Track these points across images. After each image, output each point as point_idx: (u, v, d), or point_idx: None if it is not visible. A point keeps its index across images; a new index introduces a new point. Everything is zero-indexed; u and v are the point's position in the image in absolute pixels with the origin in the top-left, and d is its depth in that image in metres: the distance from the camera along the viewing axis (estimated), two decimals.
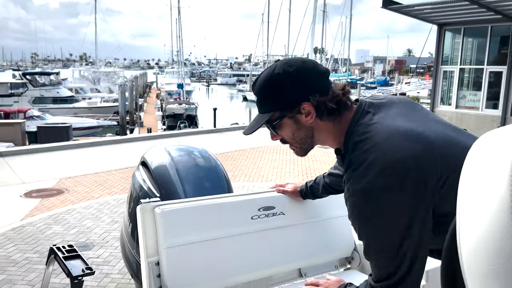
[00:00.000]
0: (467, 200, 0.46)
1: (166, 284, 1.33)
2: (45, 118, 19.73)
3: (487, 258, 0.42)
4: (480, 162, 0.47)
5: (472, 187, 0.47)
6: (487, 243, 0.42)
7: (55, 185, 7.10)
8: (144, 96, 41.14)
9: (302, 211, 1.73)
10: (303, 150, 1.29)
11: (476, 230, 0.44)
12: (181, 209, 1.39)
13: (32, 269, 4.08)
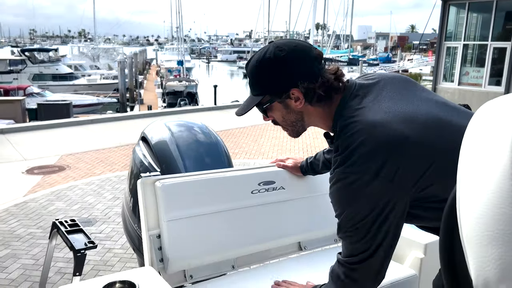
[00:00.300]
0: (468, 168, 0.46)
1: (167, 257, 1.35)
2: (45, 95, 19.64)
3: (486, 223, 0.42)
4: (481, 131, 0.47)
5: (473, 155, 0.46)
6: (487, 209, 0.42)
7: (57, 162, 7.13)
8: (144, 73, 40.83)
9: (302, 185, 1.74)
10: (295, 132, 1.31)
11: (476, 197, 0.44)
12: (182, 183, 1.39)
13: (36, 243, 4.14)
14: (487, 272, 0.42)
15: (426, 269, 1.55)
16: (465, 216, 0.45)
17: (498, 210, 0.42)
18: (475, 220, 0.44)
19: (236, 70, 57.47)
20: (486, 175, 0.43)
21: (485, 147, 0.45)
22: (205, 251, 1.44)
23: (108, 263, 3.81)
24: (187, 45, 60.71)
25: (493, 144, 0.44)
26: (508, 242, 0.41)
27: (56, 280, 3.50)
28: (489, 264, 0.42)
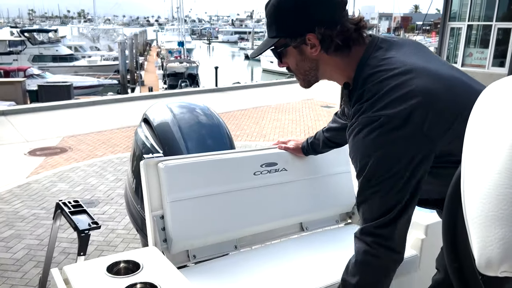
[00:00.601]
0: (473, 147, 0.46)
1: (170, 237, 1.36)
2: (45, 76, 19.55)
3: (490, 204, 0.42)
4: (487, 111, 0.47)
5: (479, 135, 0.46)
6: (491, 189, 0.42)
7: (59, 144, 7.15)
8: (144, 55, 40.51)
9: (304, 167, 1.74)
10: (306, 82, 1.27)
11: (481, 177, 0.44)
12: (184, 164, 1.40)
13: (39, 224, 4.19)
14: (490, 252, 0.43)
15: (426, 250, 1.57)
16: (469, 196, 0.46)
17: (502, 190, 0.42)
18: (479, 200, 0.44)
19: (238, 51, 56.97)
20: (491, 155, 0.43)
21: (491, 128, 0.45)
22: (208, 232, 1.46)
23: (111, 243, 3.86)
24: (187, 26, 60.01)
25: (499, 125, 0.44)
26: (511, 221, 0.41)
27: (61, 260, 3.55)
28: (492, 244, 0.42)
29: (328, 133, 1.71)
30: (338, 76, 1.22)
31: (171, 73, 24.00)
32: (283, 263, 1.49)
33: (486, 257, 0.44)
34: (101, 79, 22.28)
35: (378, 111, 1.02)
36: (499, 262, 0.43)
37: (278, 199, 1.65)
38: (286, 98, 11.62)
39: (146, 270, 1.16)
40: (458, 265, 0.54)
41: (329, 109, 10.16)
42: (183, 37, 34.31)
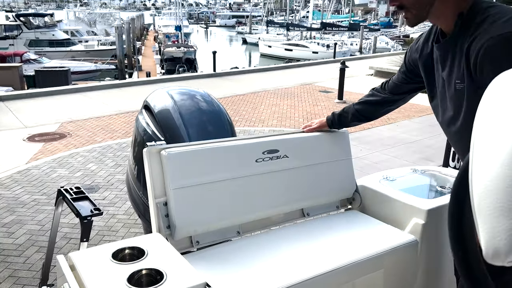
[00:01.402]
0: (482, 139, 0.46)
1: (174, 224, 1.38)
2: (42, 61, 19.39)
3: (498, 195, 0.43)
4: (497, 101, 0.47)
5: (487, 126, 0.47)
6: (499, 181, 0.43)
7: (57, 129, 7.13)
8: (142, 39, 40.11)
9: (305, 154, 1.75)
10: (417, 17, 1.34)
11: (489, 168, 0.44)
12: (187, 151, 1.40)
13: (40, 210, 4.21)
14: (498, 243, 0.44)
15: (426, 235, 1.59)
16: (477, 188, 0.46)
17: (510, 182, 0.42)
18: (487, 191, 0.45)
19: (235, 36, 56.47)
20: (499, 148, 0.44)
21: (500, 120, 0.46)
22: (211, 218, 1.47)
23: (112, 228, 3.89)
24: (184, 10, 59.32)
25: (507, 117, 0.45)
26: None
27: (63, 245, 3.58)
28: (500, 235, 0.43)
29: (361, 105, 1.81)
30: (448, 14, 1.31)
31: (169, 57, 23.83)
32: (284, 248, 1.51)
33: (494, 247, 0.45)
34: (98, 64, 22.12)
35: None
36: (506, 252, 0.44)
37: (280, 186, 1.66)
38: (284, 83, 11.57)
39: (150, 257, 1.18)
40: (464, 254, 0.55)
41: (327, 93, 10.14)
42: (180, 21, 33.98)
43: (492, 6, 1.25)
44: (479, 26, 1.22)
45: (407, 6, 1.32)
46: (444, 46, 1.37)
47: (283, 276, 1.31)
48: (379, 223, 1.72)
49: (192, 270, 1.12)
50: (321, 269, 1.37)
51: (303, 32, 36.84)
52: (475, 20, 1.24)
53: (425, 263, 1.62)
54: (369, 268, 1.46)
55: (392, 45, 30.99)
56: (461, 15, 1.29)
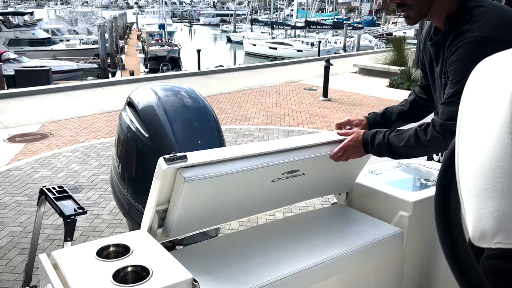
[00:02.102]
0: (468, 121, 0.46)
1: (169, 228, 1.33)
2: (22, 61, 18.99)
3: (484, 177, 0.43)
4: (481, 86, 0.47)
5: (473, 111, 0.47)
6: (485, 163, 0.43)
7: (39, 130, 7.00)
8: (125, 38, 39.63)
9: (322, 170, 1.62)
10: (418, 15, 1.38)
11: (475, 151, 0.44)
12: (207, 179, 1.28)
13: (22, 211, 4.13)
14: (484, 224, 0.44)
15: (412, 227, 1.60)
16: (463, 170, 0.46)
17: (496, 163, 0.42)
18: (474, 174, 0.45)
19: (220, 34, 56.25)
20: (485, 130, 0.44)
21: (485, 103, 0.46)
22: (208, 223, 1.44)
23: (97, 228, 3.84)
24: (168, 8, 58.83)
25: (493, 99, 0.45)
26: (505, 194, 0.42)
27: (46, 246, 3.51)
28: (486, 216, 0.43)
29: (405, 106, 1.75)
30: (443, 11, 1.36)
31: (153, 56, 23.63)
32: (271, 243, 1.50)
33: (481, 229, 0.45)
34: (80, 63, 21.79)
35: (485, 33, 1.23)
36: (493, 234, 0.44)
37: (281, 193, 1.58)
38: (269, 81, 11.58)
39: (136, 253, 1.16)
40: (450, 237, 0.55)
41: (312, 91, 10.18)
42: (164, 19, 33.68)
43: (478, 6, 1.30)
44: (460, 27, 1.30)
45: (409, 3, 1.36)
46: (436, 43, 1.43)
47: (269, 270, 1.31)
48: (365, 217, 1.72)
49: (178, 266, 1.10)
50: (308, 262, 1.37)
51: (287, 31, 36.93)
52: (460, 20, 1.31)
53: (411, 255, 1.64)
54: (356, 261, 1.47)
55: (376, 43, 31.29)
56: (449, 16, 1.35)
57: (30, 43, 25.56)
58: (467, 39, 1.25)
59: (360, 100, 9.31)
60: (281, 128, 7.13)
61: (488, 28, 1.23)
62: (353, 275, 1.48)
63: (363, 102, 9.14)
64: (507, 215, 0.42)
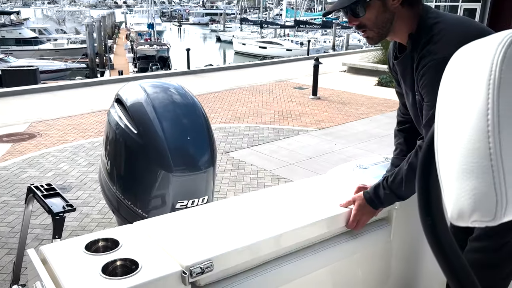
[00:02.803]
0: (446, 108, 0.48)
1: None
2: (9, 60, 18.73)
3: (462, 158, 0.44)
4: (459, 72, 0.49)
5: (451, 96, 0.48)
6: (463, 145, 0.44)
7: (26, 129, 6.92)
8: (113, 37, 39.31)
9: None
10: (379, 36, 1.39)
11: (453, 135, 0.46)
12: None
13: (10, 211, 4.08)
14: (461, 203, 0.45)
15: (399, 220, 1.62)
16: (442, 152, 0.48)
17: (473, 145, 0.44)
18: (452, 156, 0.46)
19: (209, 33, 56.08)
20: (463, 114, 0.46)
21: (462, 89, 0.47)
22: None
23: (86, 228, 3.81)
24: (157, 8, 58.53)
25: (470, 85, 0.46)
26: (480, 174, 0.44)
27: (34, 246, 3.48)
28: (464, 196, 0.45)
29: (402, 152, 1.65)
30: (404, 31, 1.38)
31: (142, 56, 23.47)
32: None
33: (458, 208, 0.46)
34: (68, 63, 21.56)
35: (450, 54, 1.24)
36: (470, 212, 0.45)
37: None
38: (259, 80, 11.59)
39: (125, 247, 1.16)
40: (432, 221, 0.56)
41: (302, 90, 10.21)
42: (152, 19, 33.50)
43: (436, 23, 1.31)
44: (423, 47, 1.32)
45: (368, 25, 1.37)
46: (402, 62, 1.45)
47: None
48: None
49: (168, 258, 1.11)
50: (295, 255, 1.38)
51: (276, 30, 36.94)
52: (421, 40, 1.33)
53: (398, 249, 1.66)
54: (342, 253, 1.48)
55: (364, 42, 31.44)
56: (410, 36, 1.38)
57: (16, 42, 25.22)
58: (431, 62, 1.27)
59: (349, 98, 9.37)
60: (271, 127, 7.14)
61: (449, 46, 1.23)
62: (340, 268, 1.49)
63: (352, 100, 9.20)
64: (483, 193, 0.44)
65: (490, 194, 0.42)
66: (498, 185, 0.42)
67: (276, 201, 1.53)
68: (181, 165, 1.91)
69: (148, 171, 1.92)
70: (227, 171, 5.20)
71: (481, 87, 0.44)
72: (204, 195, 2.00)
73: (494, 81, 0.43)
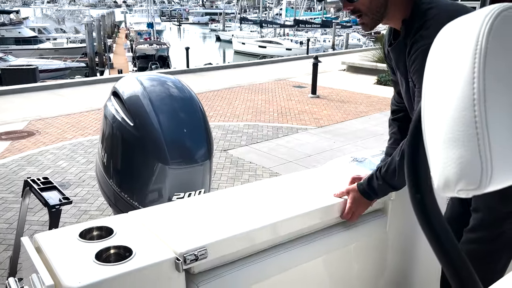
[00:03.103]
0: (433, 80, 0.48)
1: None
2: (8, 59, 18.75)
3: (448, 127, 0.44)
4: (446, 45, 0.49)
5: (438, 68, 0.48)
6: (449, 114, 0.44)
7: (25, 127, 6.92)
8: (113, 37, 39.30)
9: None
10: (373, 21, 1.38)
11: (440, 104, 0.46)
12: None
13: (8, 208, 4.08)
14: (447, 172, 0.45)
15: (395, 211, 1.62)
16: (429, 123, 0.48)
17: (459, 113, 0.44)
18: (438, 126, 0.46)
19: (209, 33, 56.08)
20: (449, 85, 0.46)
21: (449, 60, 0.47)
22: None
23: None
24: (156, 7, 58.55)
25: (457, 56, 0.46)
26: (466, 142, 0.44)
27: None
28: (450, 164, 0.45)
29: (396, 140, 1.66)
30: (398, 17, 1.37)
31: (141, 55, 23.51)
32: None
33: (444, 177, 0.46)
34: (68, 62, 21.57)
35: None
36: (456, 181, 0.45)
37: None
38: (258, 78, 11.59)
39: (119, 235, 1.16)
40: (421, 196, 0.57)
41: (301, 88, 10.21)
42: (152, 18, 33.51)
43: (430, 9, 1.31)
44: (416, 32, 1.31)
45: (362, 10, 1.36)
46: (396, 48, 1.45)
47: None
48: None
49: (162, 245, 1.11)
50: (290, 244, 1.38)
51: (276, 29, 36.95)
52: (415, 25, 1.32)
53: (394, 239, 1.66)
54: (338, 244, 1.48)
55: (364, 42, 31.46)
56: (404, 21, 1.37)
57: (16, 41, 25.24)
58: (423, 47, 1.27)
59: (349, 97, 9.37)
60: (270, 125, 7.14)
61: None
62: (336, 258, 1.49)
63: (351, 99, 9.20)
64: (469, 161, 0.44)
65: (475, 161, 0.42)
66: (484, 152, 0.42)
67: (272, 192, 1.54)
68: (178, 158, 1.91)
69: (144, 163, 1.92)
70: (225, 169, 5.20)
71: (468, 57, 0.44)
72: (200, 188, 2.00)
73: (481, 50, 0.43)
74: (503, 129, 0.43)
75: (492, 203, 1.40)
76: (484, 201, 1.42)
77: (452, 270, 0.55)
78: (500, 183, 0.44)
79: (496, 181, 0.43)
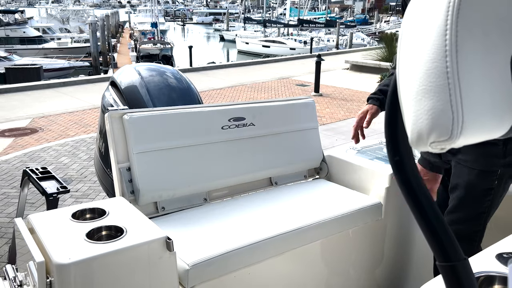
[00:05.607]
0: (407, 34, 0.48)
1: (138, 188, 1.36)
2: (13, 59, 18.85)
3: (421, 79, 0.44)
4: (422, 2, 0.49)
5: (412, 23, 0.48)
6: (421, 66, 0.44)
7: (28, 125, 6.96)
8: (117, 36, 39.42)
9: (272, 122, 1.76)
10: None
11: (413, 57, 0.46)
12: (150, 116, 1.39)
13: (10, 203, 4.10)
14: (420, 124, 0.45)
15: (390, 198, 1.62)
16: (403, 77, 0.48)
17: (431, 64, 0.44)
18: (411, 78, 0.46)
19: (213, 33, 56.13)
20: (423, 37, 0.46)
21: (423, 15, 0.47)
22: (177, 184, 1.46)
23: None
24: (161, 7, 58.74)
25: (431, 8, 0.46)
26: (438, 93, 0.44)
27: None
28: (422, 116, 0.45)
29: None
30: None
31: (145, 54, 23.57)
32: (251, 212, 1.51)
33: (417, 130, 0.46)
34: (72, 61, 21.66)
35: None
36: (428, 132, 0.45)
37: (247, 153, 1.66)
38: (261, 77, 11.59)
39: (112, 216, 1.16)
40: (399, 158, 0.56)
41: (304, 87, 10.20)
42: (156, 18, 33.58)
43: None
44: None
45: None
46: None
47: (246, 235, 1.32)
48: (345, 190, 1.74)
49: (153, 226, 1.11)
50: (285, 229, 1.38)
51: (280, 29, 36.93)
52: None
53: (390, 227, 1.66)
54: (335, 229, 1.48)
55: (368, 41, 31.40)
56: None
57: (21, 41, 25.38)
58: None
59: (351, 95, 9.35)
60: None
61: None
62: (333, 245, 1.50)
63: (354, 97, 9.18)
64: (440, 111, 0.44)
65: (446, 111, 0.42)
66: (455, 102, 0.42)
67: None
68: None
69: None
70: None
71: (441, 9, 0.44)
72: None
73: (454, 2, 0.43)
74: (474, 79, 0.43)
75: (472, 178, 1.38)
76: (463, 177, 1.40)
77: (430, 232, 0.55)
78: (472, 135, 0.44)
79: (467, 132, 0.43)
